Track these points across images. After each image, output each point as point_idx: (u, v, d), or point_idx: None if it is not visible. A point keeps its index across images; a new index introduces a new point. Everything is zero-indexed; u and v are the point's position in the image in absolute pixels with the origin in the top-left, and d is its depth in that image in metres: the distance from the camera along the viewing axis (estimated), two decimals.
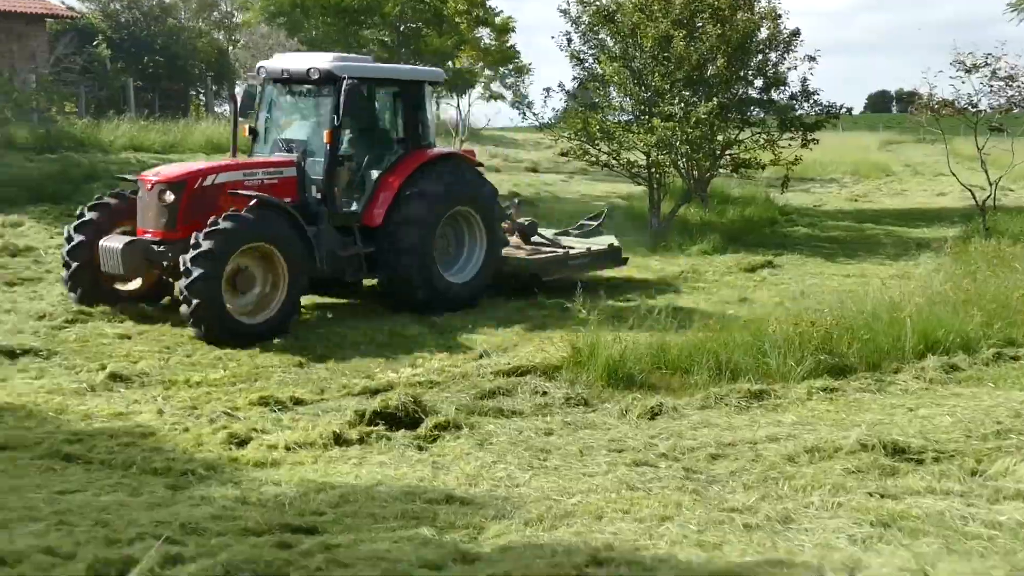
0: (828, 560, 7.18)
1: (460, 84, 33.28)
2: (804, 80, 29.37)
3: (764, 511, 8.38)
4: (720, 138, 27.50)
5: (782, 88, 29.17)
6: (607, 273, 21.16)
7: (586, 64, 29.10)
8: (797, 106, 29.28)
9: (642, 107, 27.58)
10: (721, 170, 29.73)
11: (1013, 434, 10.60)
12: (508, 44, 36.84)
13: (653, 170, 27.63)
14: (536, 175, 38.36)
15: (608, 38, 28.20)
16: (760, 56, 28.60)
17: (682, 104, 26.37)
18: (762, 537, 7.75)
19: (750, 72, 28.79)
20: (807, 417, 11.68)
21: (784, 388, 12.77)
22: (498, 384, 12.92)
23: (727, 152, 28.26)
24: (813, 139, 28.88)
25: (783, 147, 28.51)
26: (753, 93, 29.29)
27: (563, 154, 29.28)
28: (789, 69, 29.16)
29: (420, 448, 10.59)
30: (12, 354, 13.73)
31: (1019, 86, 27.13)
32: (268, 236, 15.30)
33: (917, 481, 9.24)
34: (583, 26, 28.63)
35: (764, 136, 28.54)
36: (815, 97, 29.23)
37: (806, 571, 6.99)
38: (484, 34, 35.88)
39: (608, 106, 28.73)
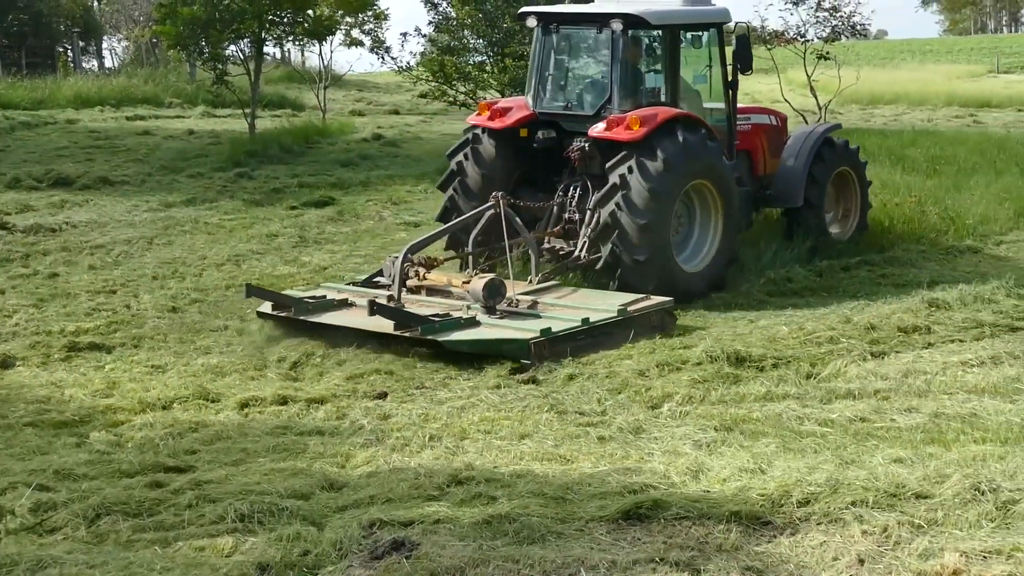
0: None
1: (321, 32, 32.54)
2: None
3: None
4: None
5: None
6: None
7: (440, 7, 28.78)
8: None
9: (494, 48, 27.34)
10: None
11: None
12: None
13: None
14: (398, 117, 37.89)
15: None
16: None
17: None
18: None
19: None
20: None
21: None
22: None
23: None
24: None
25: None
26: None
27: (423, 96, 29.03)
28: None
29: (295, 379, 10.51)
30: None
31: (842, 16, 27.57)
32: None
33: None
34: None
35: None
36: None
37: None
38: None
39: (463, 48, 28.42)
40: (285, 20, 30.90)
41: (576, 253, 13.33)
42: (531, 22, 14.32)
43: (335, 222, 19.00)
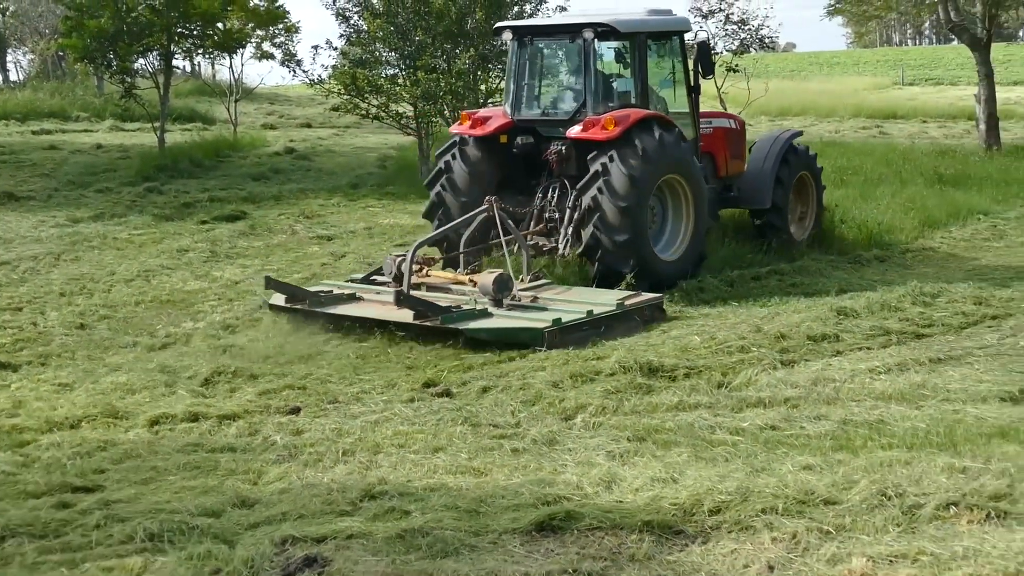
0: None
1: (231, 45, 32.32)
2: None
3: None
4: (483, 87, 27.43)
5: None
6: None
7: (352, 21, 28.65)
8: None
9: (407, 61, 27.31)
10: None
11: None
12: (276, 4, 35.97)
13: (420, 120, 27.47)
14: (310, 130, 37.81)
15: None
16: (516, 8, 28.56)
17: (444, 56, 26.29)
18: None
19: None
20: None
21: None
22: None
23: (490, 100, 28.19)
24: None
25: None
26: None
27: (335, 109, 28.91)
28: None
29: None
30: None
31: (750, 29, 27.96)
32: None
33: None
34: None
35: None
36: None
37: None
38: None
39: (375, 61, 28.34)
40: (194, 33, 30.69)
41: (560, 250, 14.23)
42: (507, 36, 15.28)
43: (247, 236, 18.88)
